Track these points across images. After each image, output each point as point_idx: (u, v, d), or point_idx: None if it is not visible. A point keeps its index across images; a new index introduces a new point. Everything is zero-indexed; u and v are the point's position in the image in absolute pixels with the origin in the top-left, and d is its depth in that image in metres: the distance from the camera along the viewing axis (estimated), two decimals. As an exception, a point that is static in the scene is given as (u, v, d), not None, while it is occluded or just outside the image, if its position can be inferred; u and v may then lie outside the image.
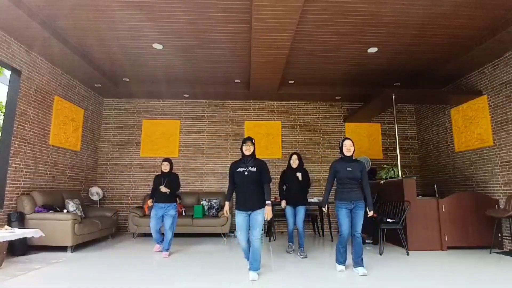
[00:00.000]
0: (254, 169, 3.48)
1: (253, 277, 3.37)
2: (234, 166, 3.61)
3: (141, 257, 4.45)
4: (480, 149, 5.69)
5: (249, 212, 3.48)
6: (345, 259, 3.76)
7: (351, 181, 3.66)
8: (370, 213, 3.72)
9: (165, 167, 4.83)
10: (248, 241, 3.55)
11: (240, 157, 3.65)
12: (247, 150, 3.55)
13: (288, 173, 4.90)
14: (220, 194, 6.95)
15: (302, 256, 4.49)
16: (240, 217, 3.49)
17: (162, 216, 4.70)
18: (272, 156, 7.37)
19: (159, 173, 5.00)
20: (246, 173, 3.47)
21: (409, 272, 3.71)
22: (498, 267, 3.98)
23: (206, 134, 7.53)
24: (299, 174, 4.77)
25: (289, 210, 4.76)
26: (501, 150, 5.24)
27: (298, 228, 4.69)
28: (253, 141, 3.64)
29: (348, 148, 3.72)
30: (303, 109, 7.72)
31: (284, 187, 4.94)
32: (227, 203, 3.70)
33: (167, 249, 4.59)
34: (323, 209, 3.94)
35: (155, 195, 4.74)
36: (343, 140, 3.78)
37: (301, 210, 4.69)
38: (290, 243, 4.89)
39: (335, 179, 3.81)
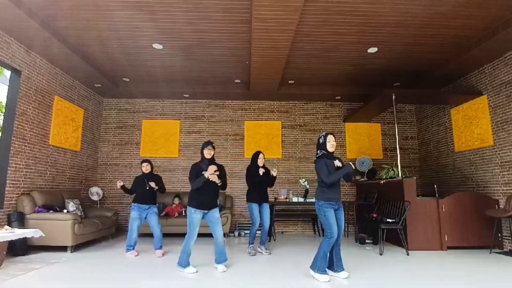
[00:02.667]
0: (216, 173, 3.66)
1: (222, 269, 3.68)
2: (196, 166, 3.78)
3: (141, 257, 4.45)
4: (480, 149, 5.69)
5: (206, 211, 3.72)
6: (326, 265, 3.42)
7: (338, 180, 3.43)
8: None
9: (146, 168, 4.82)
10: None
11: (200, 159, 3.87)
12: (208, 154, 3.79)
13: (253, 171, 4.77)
14: (220, 194, 6.93)
15: (251, 254, 4.62)
16: (196, 216, 3.68)
17: (144, 218, 4.68)
18: (272, 156, 7.37)
19: (139, 174, 4.95)
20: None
21: (409, 272, 3.71)
22: (498, 267, 3.98)
23: (206, 134, 7.53)
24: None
25: (255, 207, 4.76)
26: (501, 150, 5.24)
27: (264, 225, 4.72)
28: (213, 145, 3.89)
29: (332, 144, 3.45)
30: (303, 109, 7.72)
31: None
32: (213, 166, 3.65)
33: (160, 247, 4.59)
34: (350, 164, 3.42)
35: (137, 195, 4.70)
36: (325, 135, 3.49)
37: (265, 207, 4.75)
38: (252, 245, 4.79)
39: (315, 178, 3.65)
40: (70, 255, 4.54)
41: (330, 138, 3.48)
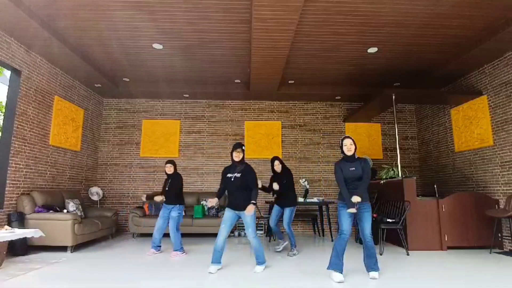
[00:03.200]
0: (239, 175, 3.76)
1: (259, 270, 3.70)
2: (225, 170, 3.94)
3: (141, 257, 4.45)
4: (480, 149, 5.69)
5: (236, 212, 3.79)
6: (342, 265, 3.38)
7: (354, 182, 3.48)
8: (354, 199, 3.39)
9: (169, 169, 4.80)
10: (225, 239, 3.74)
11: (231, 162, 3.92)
12: (236, 156, 3.82)
13: (274, 177, 4.87)
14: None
15: (290, 255, 4.60)
16: (227, 214, 3.80)
17: (168, 217, 4.73)
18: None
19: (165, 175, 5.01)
20: (232, 179, 3.79)
21: (409, 272, 3.71)
22: (498, 267, 3.98)
23: (206, 134, 7.53)
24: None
25: (275, 208, 4.86)
26: (501, 150, 5.24)
27: (285, 229, 4.73)
28: (243, 147, 3.88)
29: (348, 148, 3.52)
30: (303, 109, 7.72)
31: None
32: (216, 199, 3.81)
33: (176, 250, 4.59)
34: (351, 210, 3.37)
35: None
36: (342, 139, 3.62)
37: (286, 211, 4.72)
38: (280, 240, 4.98)
39: (333, 179, 3.75)
40: (70, 255, 4.54)
41: (346, 141, 3.57)
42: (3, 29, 4.44)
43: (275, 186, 4.67)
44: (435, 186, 5.90)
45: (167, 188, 4.71)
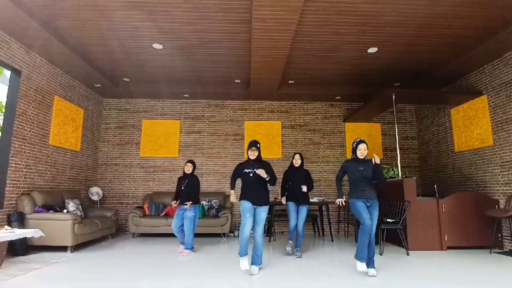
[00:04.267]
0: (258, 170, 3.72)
1: (253, 271, 3.59)
2: (240, 167, 3.91)
3: (141, 257, 4.45)
4: (480, 149, 5.69)
5: (254, 206, 3.73)
6: (367, 256, 3.53)
7: (363, 180, 3.65)
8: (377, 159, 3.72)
9: (188, 168, 4.86)
10: (250, 228, 3.69)
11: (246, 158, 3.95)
12: (251, 155, 3.84)
13: (290, 172, 4.87)
14: (220, 194, 6.95)
15: (297, 256, 4.51)
16: (247, 204, 3.71)
17: (183, 217, 4.76)
18: (272, 156, 7.37)
19: (181, 174, 5.04)
20: (251, 174, 3.76)
21: (409, 272, 3.71)
22: (498, 267, 3.98)
23: (206, 134, 7.53)
24: (304, 187, 4.67)
25: (292, 206, 4.67)
26: (501, 150, 5.24)
27: (298, 228, 4.64)
28: (258, 145, 3.88)
29: (362, 153, 3.70)
30: (303, 109, 7.72)
31: (287, 186, 4.88)
32: (232, 191, 3.85)
33: (187, 248, 4.67)
34: (339, 200, 3.86)
35: (178, 196, 4.82)
36: (358, 143, 3.73)
37: (303, 210, 4.64)
38: (290, 241, 4.69)
39: (347, 178, 3.85)
40: (70, 255, 4.54)
41: (361, 146, 3.71)
42: (3, 29, 4.44)
43: (304, 188, 4.62)
44: (435, 186, 5.90)
45: (183, 188, 4.73)
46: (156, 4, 4.01)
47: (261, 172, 3.65)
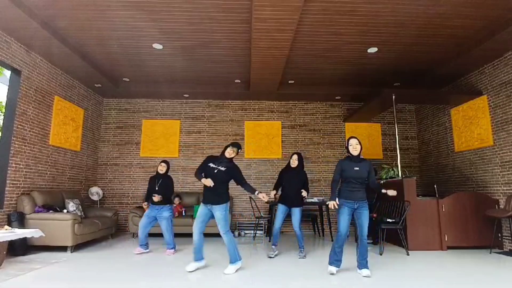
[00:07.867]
0: (223, 169, 3.69)
1: (230, 270, 3.60)
2: (209, 159, 3.84)
3: (141, 257, 4.45)
4: (480, 149, 5.69)
5: (209, 206, 3.70)
6: (340, 261, 3.60)
7: (357, 181, 3.56)
8: (391, 192, 3.65)
9: (162, 168, 4.83)
10: (200, 234, 3.76)
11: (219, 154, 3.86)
12: (229, 154, 3.75)
13: (286, 173, 4.67)
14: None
15: (300, 257, 4.49)
16: (200, 209, 3.75)
17: (155, 218, 4.74)
18: (272, 156, 7.37)
19: (154, 174, 5.00)
20: (215, 171, 3.67)
21: (409, 272, 3.71)
22: (498, 267, 3.98)
23: (206, 134, 7.53)
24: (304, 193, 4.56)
25: (282, 208, 4.54)
26: (501, 150, 5.24)
27: (295, 231, 4.54)
28: (239, 150, 3.82)
29: (354, 147, 3.61)
30: (303, 109, 7.72)
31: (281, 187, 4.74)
32: (208, 179, 3.61)
33: (171, 248, 4.70)
34: (331, 203, 3.59)
35: (150, 196, 4.73)
36: (348, 139, 3.71)
37: (296, 211, 4.48)
38: (274, 246, 4.57)
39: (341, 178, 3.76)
40: (70, 255, 4.54)
41: (352, 141, 3.66)
42: (3, 29, 4.44)
43: (304, 193, 4.49)
44: (435, 186, 5.90)
45: (157, 188, 4.68)
46: (156, 4, 4.01)
47: (262, 196, 3.61)
